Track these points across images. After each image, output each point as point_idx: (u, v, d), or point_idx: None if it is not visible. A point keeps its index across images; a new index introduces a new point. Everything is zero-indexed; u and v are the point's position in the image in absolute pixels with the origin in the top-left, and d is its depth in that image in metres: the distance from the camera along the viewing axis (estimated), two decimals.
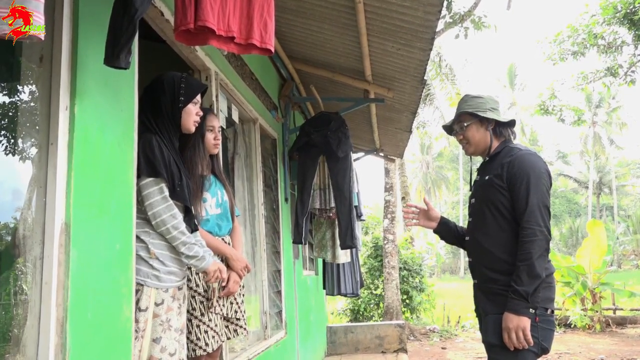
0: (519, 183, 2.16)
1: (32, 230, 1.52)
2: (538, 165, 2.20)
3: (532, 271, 2.05)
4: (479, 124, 2.37)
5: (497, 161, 2.31)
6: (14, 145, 1.63)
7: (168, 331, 1.92)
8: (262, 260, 4.01)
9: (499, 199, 2.21)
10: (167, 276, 1.95)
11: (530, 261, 2.05)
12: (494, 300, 2.19)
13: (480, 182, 2.37)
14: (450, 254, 40.71)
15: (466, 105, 2.40)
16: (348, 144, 4.56)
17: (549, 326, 2.13)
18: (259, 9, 1.88)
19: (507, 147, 2.33)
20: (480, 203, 2.32)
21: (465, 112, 2.39)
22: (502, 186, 2.21)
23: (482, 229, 2.29)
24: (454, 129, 2.46)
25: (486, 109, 2.36)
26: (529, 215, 2.10)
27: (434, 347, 9.04)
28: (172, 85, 2.09)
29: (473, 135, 2.38)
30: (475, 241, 2.33)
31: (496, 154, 2.34)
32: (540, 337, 2.08)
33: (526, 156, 2.22)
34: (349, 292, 5.95)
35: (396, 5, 3.14)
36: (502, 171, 2.22)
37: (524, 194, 2.13)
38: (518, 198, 2.15)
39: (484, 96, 2.42)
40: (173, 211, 1.92)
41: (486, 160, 2.40)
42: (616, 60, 10.96)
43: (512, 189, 2.18)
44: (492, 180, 2.25)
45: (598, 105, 36.96)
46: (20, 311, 1.50)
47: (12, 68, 1.64)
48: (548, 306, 2.13)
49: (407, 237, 13.41)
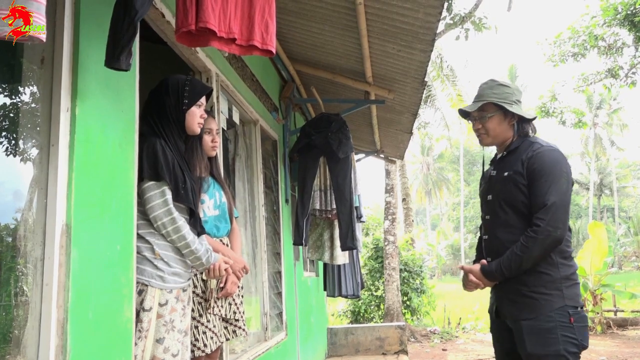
0: (538, 179, 2.05)
1: (32, 232, 1.52)
2: (560, 162, 2.09)
3: (521, 267, 2.04)
4: (503, 116, 2.22)
5: (515, 156, 2.18)
6: (15, 146, 1.63)
7: (171, 332, 1.93)
8: (262, 261, 4.01)
9: (519, 197, 2.11)
10: (172, 277, 1.96)
11: (526, 257, 2.02)
12: (523, 303, 2.08)
13: (497, 178, 2.23)
14: (450, 256, 40.66)
15: (492, 93, 2.22)
16: (349, 145, 4.56)
17: (583, 322, 2.07)
18: (260, 11, 1.88)
19: (526, 141, 2.20)
20: (498, 200, 2.19)
21: (489, 102, 2.21)
22: (522, 183, 2.10)
23: (502, 227, 2.17)
24: (473, 115, 2.28)
25: (512, 102, 2.20)
26: (545, 213, 2.01)
27: (435, 348, 9.03)
28: (177, 87, 2.10)
29: (494, 127, 2.23)
30: (495, 239, 2.20)
31: (515, 149, 2.21)
32: (578, 337, 2.02)
33: (548, 152, 2.10)
34: (350, 294, 5.94)
35: (397, 6, 3.14)
36: (523, 168, 2.11)
37: (543, 191, 2.03)
38: (536, 194, 2.05)
39: (511, 86, 2.26)
40: (173, 215, 1.92)
41: (503, 154, 2.26)
42: (617, 61, 10.97)
43: (530, 185, 2.08)
44: (511, 177, 2.13)
45: (599, 107, 36.93)
46: (20, 312, 1.51)
47: (13, 69, 1.64)
48: (578, 303, 2.06)
49: (408, 238, 13.41)
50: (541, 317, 2.03)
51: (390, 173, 10.99)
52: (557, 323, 2.01)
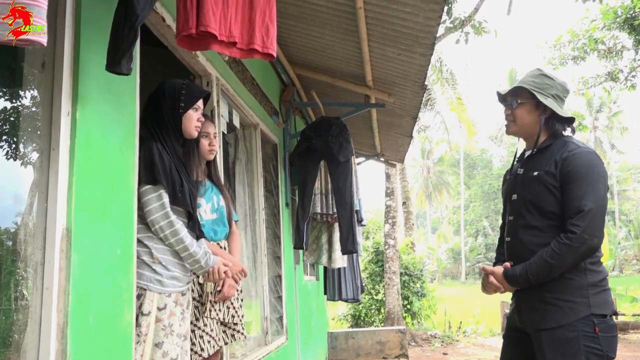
0: (573, 182, 1.92)
1: (33, 236, 1.52)
2: (597, 166, 1.95)
3: (550, 274, 1.91)
4: (534, 106, 2.07)
5: (547, 155, 2.04)
6: (15, 150, 1.63)
7: (170, 336, 1.92)
8: (262, 265, 4.01)
9: (547, 199, 1.97)
10: (170, 281, 1.96)
11: (557, 264, 1.88)
12: (545, 310, 1.96)
13: (524, 177, 2.08)
14: (451, 259, 40.60)
15: (531, 80, 2.08)
16: (349, 149, 4.56)
17: (611, 332, 1.92)
18: (261, 14, 1.88)
19: (560, 141, 2.05)
20: (525, 200, 2.05)
21: (524, 88, 2.08)
22: (554, 185, 1.96)
23: (527, 229, 2.03)
24: (507, 99, 2.15)
25: (549, 94, 2.05)
26: (581, 219, 1.86)
27: (436, 352, 9.00)
28: (173, 91, 2.10)
29: (522, 116, 2.10)
30: (519, 242, 2.06)
31: (546, 148, 2.06)
32: (604, 347, 1.88)
33: (584, 154, 1.96)
34: (350, 298, 5.93)
35: (397, 10, 3.15)
36: (556, 169, 1.97)
37: (579, 195, 1.89)
38: (571, 198, 1.91)
39: (555, 79, 2.09)
40: (170, 218, 1.92)
41: (533, 152, 2.11)
42: (617, 65, 10.99)
43: (564, 188, 1.94)
44: (541, 177, 2.00)
45: (599, 110, 36.99)
46: (20, 316, 1.50)
47: (14, 73, 1.64)
48: (606, 311, 1.91)
49: (408, 242, 13.40)
50: (564, 327, 1.91)
51: (391, 176, 10.99)
52: (580, 333, 1.88)
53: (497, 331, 11.16)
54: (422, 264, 12.89)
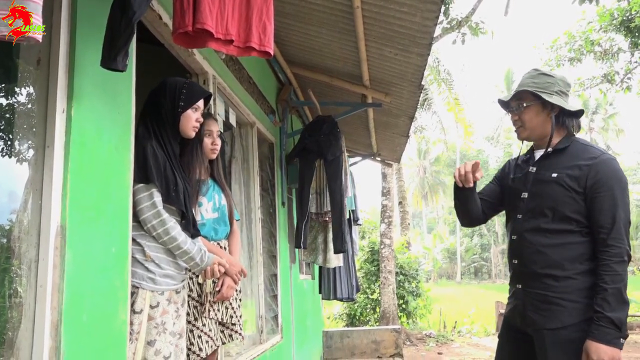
0: (603, 193, 1.89)
1: (27, 233, 1.51)
2: (622, 175, 1.94)
3: (622, 296, 1.82)
4: (541, 107, 2.03)
5: (566, 158, 2.00)
6: (10, 147, 1.63)
7: (163, 334, 1.92)
8: (258, 264, 4.01)
9: (566, 201, 1.93)
10: (163, 279, 1.95)
11: (620, 285, 1.81)
12: (548, 310, 1.93)
13: (539, 177, 2.04)
14: (447, 259, 40.69)
15: (531, 81, 2.05)
16: (338, 147, 4.51)
17: None
18: (258, 13, 1.88)
19: (577, 143, 2.02)
20: (538, 200, 2.01)
21: (527, 91, 2.04)
22: (575, 190, 1.92)
23: (536, 229, 1.99)
24: (511, 106, 2.11)
25: (553, 92, 2.02)
26: (617, 232, 1.85)
27: (430, 352, 9.02)
28: (174, 89, 2.09)
29: (530, 119, 2.06)
30: (525, 241, 2.02)
31: (563, 149, 2.02)
32: None
33: (610, 162, 1.94)
34: (345, 297, 5.92)
35: (394, 10, 3.15)
36: (581, 174, 1.93)
37: (611, 206, 1.87)
38: (602, 210, 1.88)
39: (554, 75, 2.07)
40: (162, 217, 1.91)
41: (548, 152, 2.06)
42: (612, 67, 11.04)
43: (592, 198, 1.90)
44: (561, 180, 1.95)
45: (595, 112, 37.12)
46: (14, 314, 1.49)
47: (9, 70, 1.63)
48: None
49: (404, 241, 13.42)
50: (568, 327, 1.89)
51: (387, 176, 11.00)
52: (584, 334, 1.85)
53: (491, 331, 11.20)
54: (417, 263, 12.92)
